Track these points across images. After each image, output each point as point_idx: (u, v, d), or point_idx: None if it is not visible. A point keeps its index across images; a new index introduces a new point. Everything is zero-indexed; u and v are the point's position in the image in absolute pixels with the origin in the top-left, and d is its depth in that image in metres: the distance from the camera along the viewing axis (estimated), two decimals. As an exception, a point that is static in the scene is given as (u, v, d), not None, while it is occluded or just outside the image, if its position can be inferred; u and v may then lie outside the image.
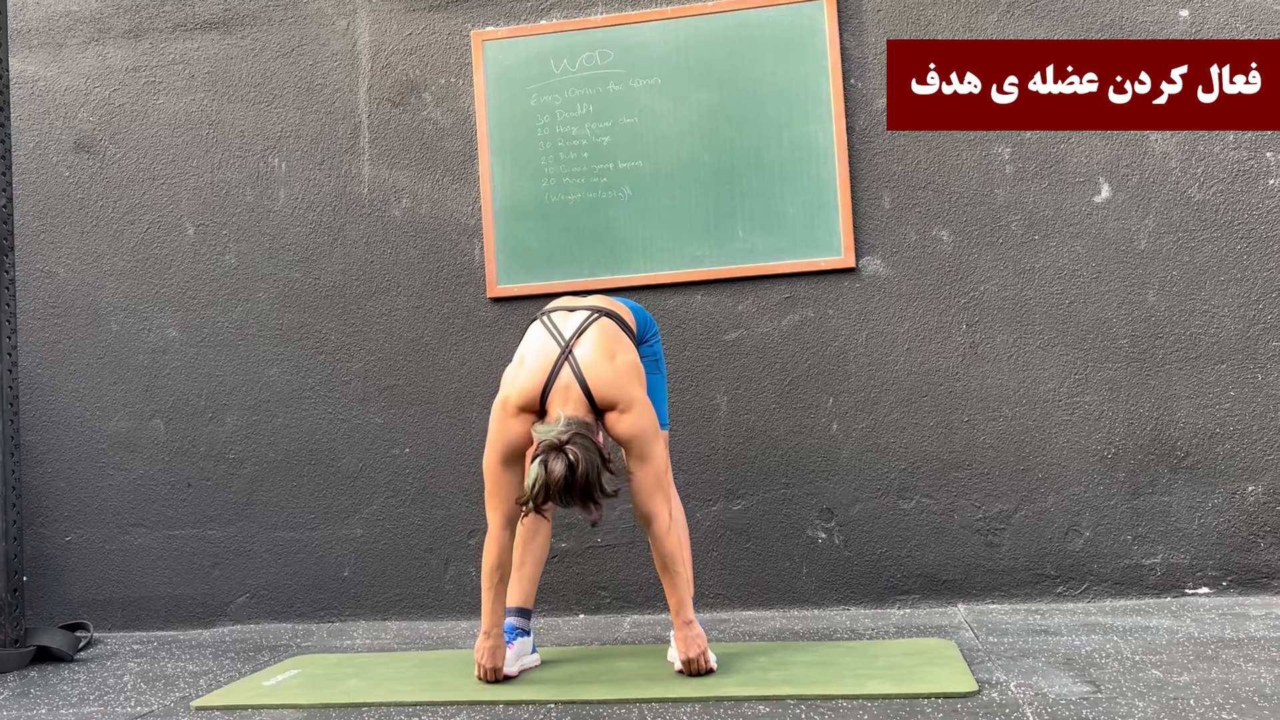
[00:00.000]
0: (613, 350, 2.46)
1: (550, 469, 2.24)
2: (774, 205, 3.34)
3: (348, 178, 3.63)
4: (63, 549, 3.72)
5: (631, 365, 2.46)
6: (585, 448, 2.26)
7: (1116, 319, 3.18)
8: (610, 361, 2.43)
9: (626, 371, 2.44)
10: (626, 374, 2.43)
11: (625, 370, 2.44)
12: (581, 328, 2.49)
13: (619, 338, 2.51)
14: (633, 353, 2.51)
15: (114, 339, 3.74)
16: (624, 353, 2.48)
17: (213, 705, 2.47)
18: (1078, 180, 3.22)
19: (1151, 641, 2.61)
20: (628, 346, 2.51)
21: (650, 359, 2.73)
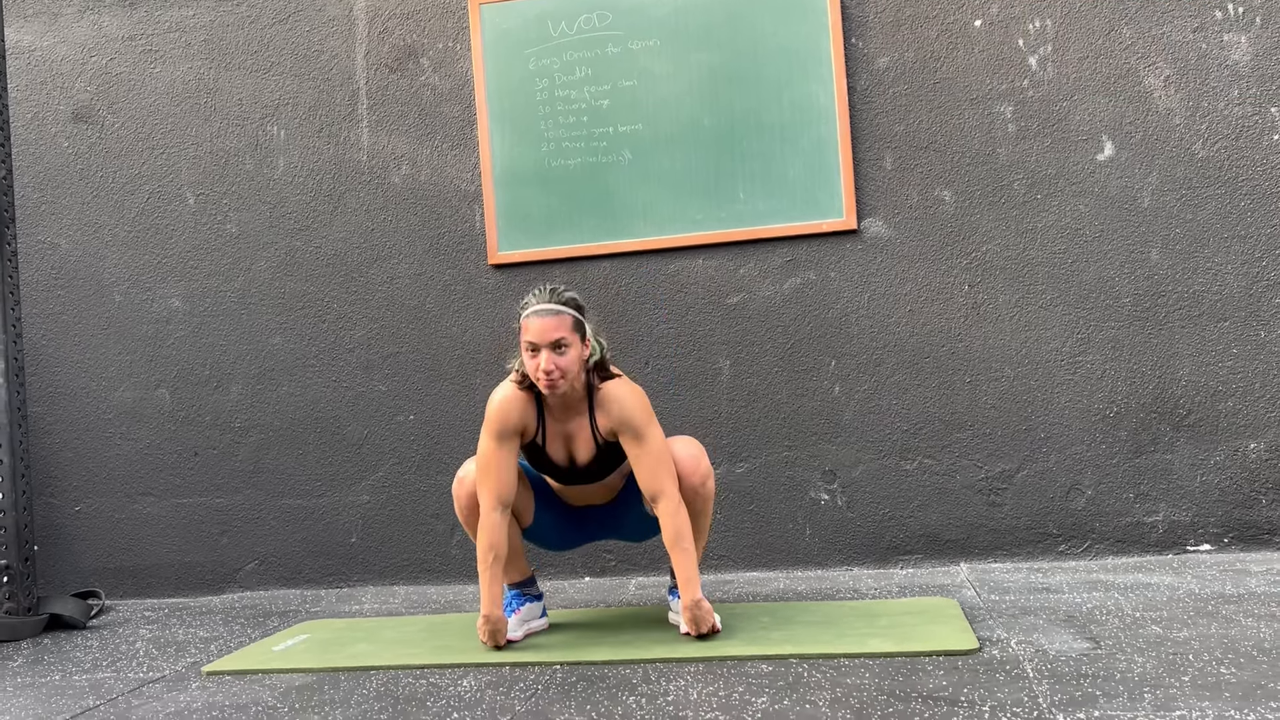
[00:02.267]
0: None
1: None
2: (775, 167, 3.33)
3: (347, 145, 3.61)
4: (73, 518, 3.76)
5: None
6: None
7: (1119, 278, 3.17)
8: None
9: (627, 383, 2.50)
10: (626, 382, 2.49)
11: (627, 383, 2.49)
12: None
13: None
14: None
15: (117, 309, 3.75)
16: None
17: (223, 670, 2.50)
18: (1080, 138, 3.20)
19: (1152, 598, 2.63)
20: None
21: None
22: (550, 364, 2.37)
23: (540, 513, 2.65)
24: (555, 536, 2.71)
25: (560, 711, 1.99)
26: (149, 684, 2.45)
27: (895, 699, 1.93)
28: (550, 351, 2.37)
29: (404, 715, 2.04)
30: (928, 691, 1.96)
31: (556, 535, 2.71)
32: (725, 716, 1.89)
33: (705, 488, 2.54)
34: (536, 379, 2.40)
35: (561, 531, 2.71)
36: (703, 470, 2.52)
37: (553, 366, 2.37)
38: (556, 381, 2.39)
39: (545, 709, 2.01)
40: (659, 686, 2.12)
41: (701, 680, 2.15)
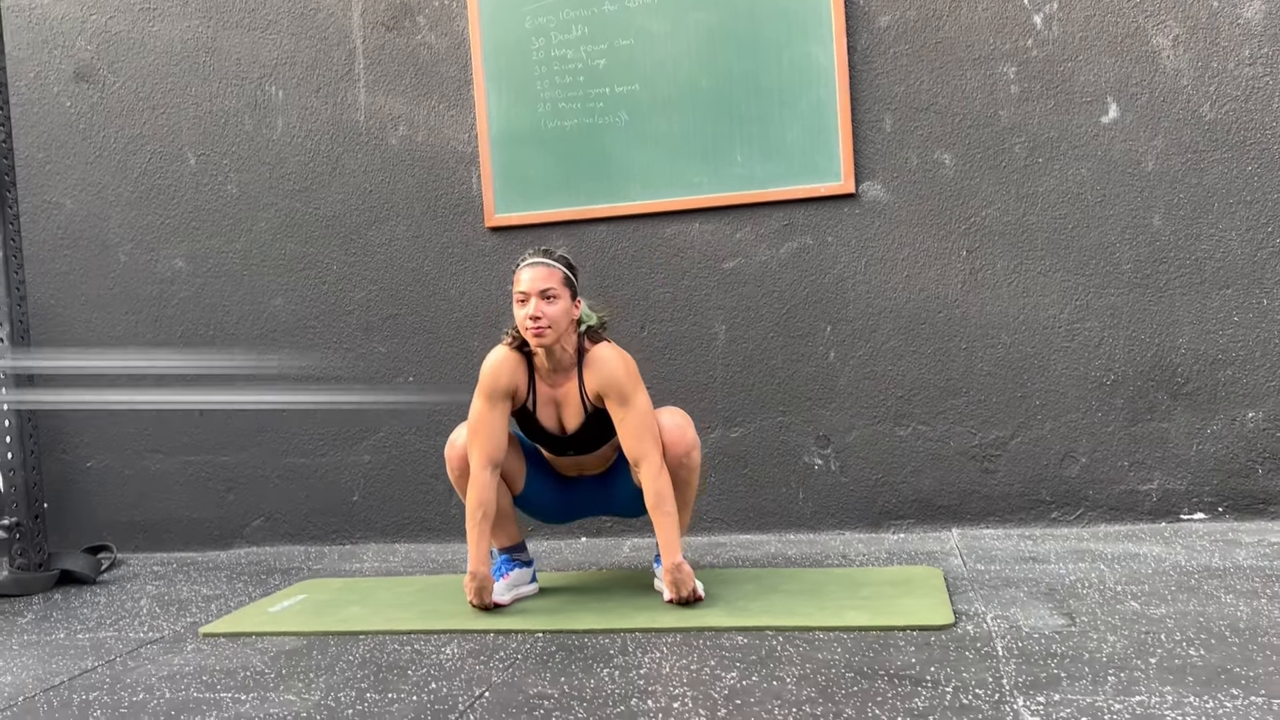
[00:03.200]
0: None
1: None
2: (773, 130, 3.28)
3: (344, 105, 3.60)
4: (85, 474, 3.84)
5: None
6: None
7: (1120, 243, 3.12)
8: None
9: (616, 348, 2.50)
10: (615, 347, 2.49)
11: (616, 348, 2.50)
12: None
13: None
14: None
15: (123, 270, 3.79)
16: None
17: (219, 632, 2.57)
18: (1085, 100, 3.12)
19: (1137, 570, 2.64)
20: None
21: None
22: (538, 310, 2.40)
23: (532, 481, 2.69)
24: (548, 507, 2.75)
25: (535, 684, 2.04)
26: (147, 645, 2.53)
27: (862, 676, 1.96)
28: (539, 299, 2.40)
29: (384, 684, 2.09)
30: (895, 669, 1.99)
31: (549, 506, 2.74)
32: (693, 692, 1.93)
33: (690, 458, 2.55)
34: (524, 329, 2.43)
35: (554, 502, 2.74)
36: (688, 441, 2.54)
37: (540, 313, 2.40)
38: (544, 330, 2.41)
39: (520, 680, 2.06)
40: (634, 658, 2.16)
41: (676, 652, 2.18)
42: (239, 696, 2.07)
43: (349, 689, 2.08)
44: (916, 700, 1.82)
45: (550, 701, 1.92)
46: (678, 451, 2.53)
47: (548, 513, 2.76)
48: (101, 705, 2.07)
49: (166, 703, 2.06)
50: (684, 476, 2.57)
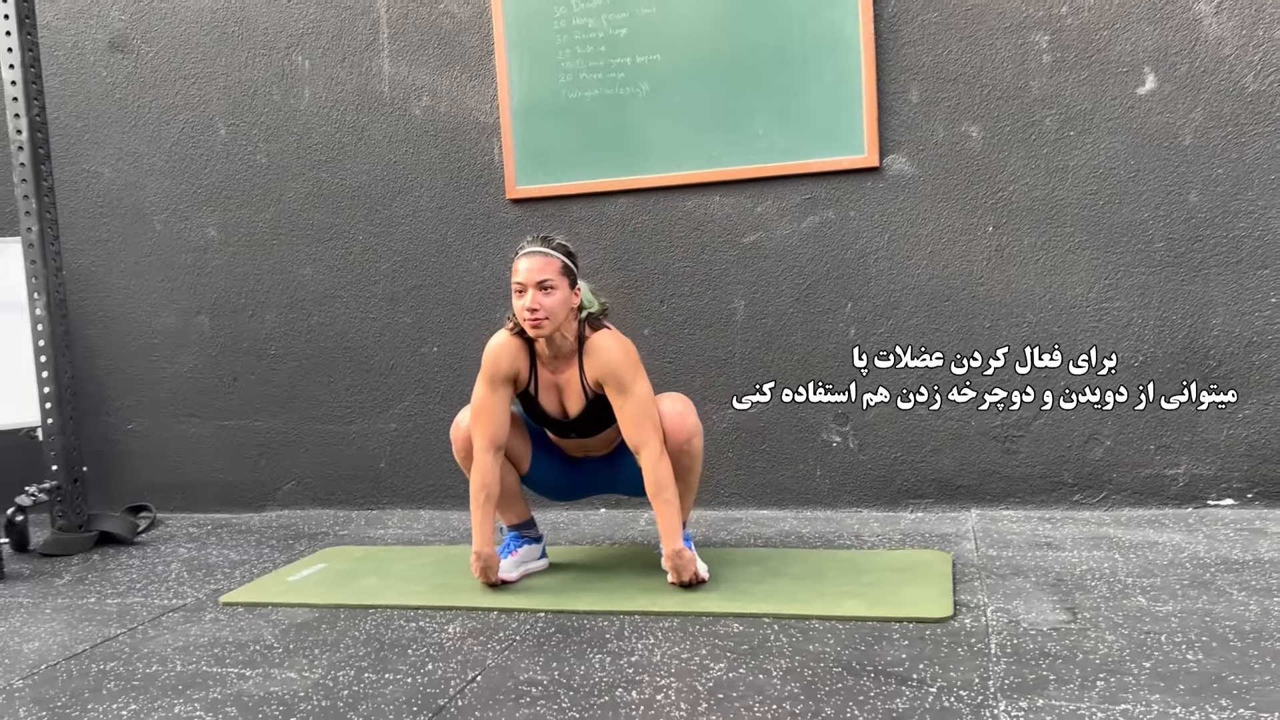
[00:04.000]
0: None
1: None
2: (796, 101, 3.21)
3: (369, 75, 3.61)
4: (127, 436, 3.97)
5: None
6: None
7: (1153, 220, 3.02)
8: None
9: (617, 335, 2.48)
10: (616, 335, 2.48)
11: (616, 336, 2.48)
12: None
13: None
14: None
15: (158, 237, 3.87)
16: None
17: (238, 601, 2.66)
18: (1121, 70, 3.00)
19: (1152, 561, 2.59)
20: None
21: None
22: (535, 302, 2.40)
23: (538, 462, 2.71)
24: (554, 486, 2.77)
25: (528, 668, 2.08)
26: (170, 612, 2.62)
27: (849, 672, 1.96)
28: (536, 290, 2.40)
29: (383, 663, 2.15)
30: (884, 665, 1.99)
31: (555, 485, 2.77)
32: (679, 684, 1.95)
33: (691, 445, 2.55)
34: (522, 319, 2.43)
35: (560, 482, 2.77)
36: (689, 427, 2.53)
37: (538, 305, 2.40)
38: (541, 321, 2.41)
39: (514, 664, 2.10)
40: (629, 643, 2.19)
41: (671, 638, 2.21)
42: (244, 672, 2.14)
43: (349, 667, 2.14)
44: (898, 701, 1.82)
45: (538, 689, 1.96)
46: (678, 439, 2.52)
47: (554, 491, 2.79)
48: (116, 676, 2.16)
49: (176, 676, 2.14)
50: (685, 463, 2.57)
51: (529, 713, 1.85)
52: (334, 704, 1.94)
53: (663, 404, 2.53)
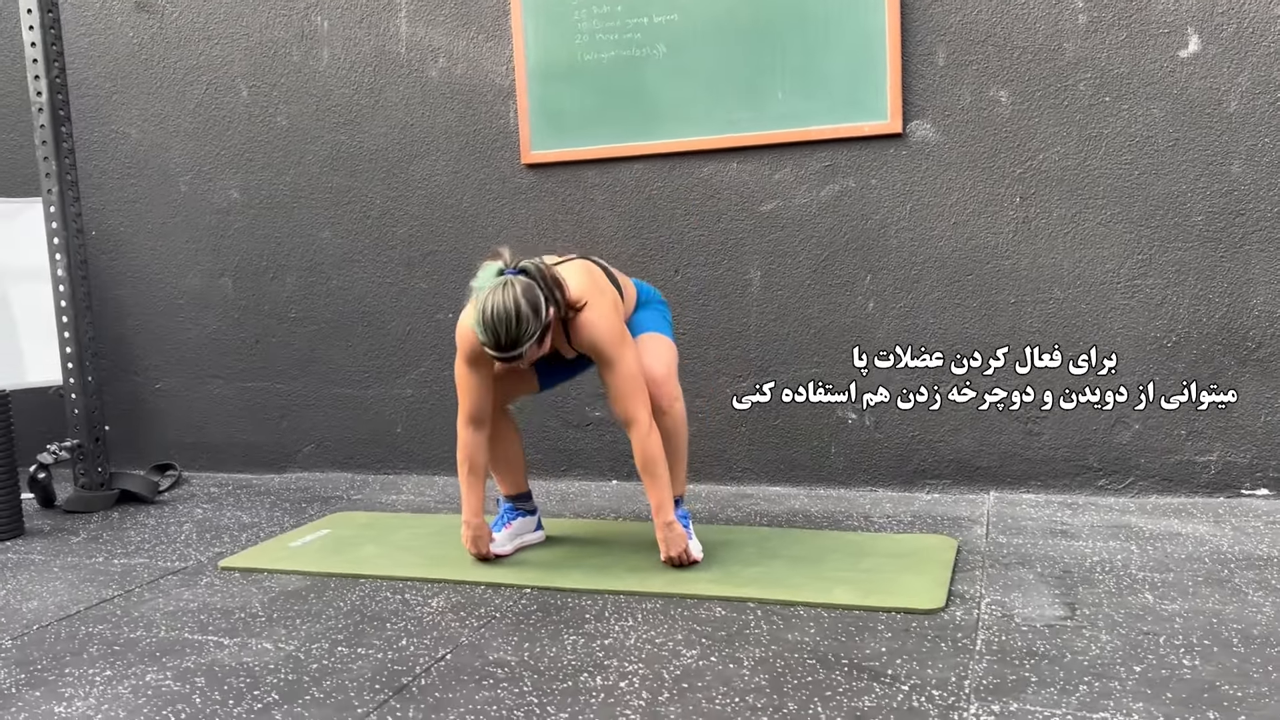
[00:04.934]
0: (587, 270, 2.42)
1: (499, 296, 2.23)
2: (816, 63, 3.08)
3: (386, 36, 3.56)
4: (155, 395, 4.03)
5: (603, 290, 2.40)
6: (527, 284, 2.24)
7: (1192, 193, 2.84)
8: (584, 274, 2.39)
9: (599, 284, 2.39)
10: (599, 286, 2.39)
11: (598, 283, 2.39)
12: (559, 261, 2.46)
13: (598, 273, 2.46)
14: (609, 290, 2.45)
15: (183, 199, 3.89)
16: (602, 281, 2.43)
17: (235, 566, 2.68)
18: (1161, 31, 2.82)
19: (1171, 553, 2.46)
20: (604, 286, 2.44)
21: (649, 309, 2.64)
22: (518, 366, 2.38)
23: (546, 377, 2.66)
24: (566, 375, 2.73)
25: (500, 647, 2.05)
26: (169, 575, 2.65)
27: (822, 665, 1.89)
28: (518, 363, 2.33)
29: (359, 636, 2.14)
30: (861, 658, 1.91)
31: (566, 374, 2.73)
32: (645, 670, 1.90)
33: (674, 411, 2.50)
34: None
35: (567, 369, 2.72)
36: (668, 394, 2.48)
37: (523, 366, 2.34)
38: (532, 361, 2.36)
39: (487, 643, 2.07)
40: (606, 625, 2.15)
41: (650, 621, 2.16)
42: (222, 641, 2.15)
43: (325, 640, 2.13)
44: (865, 699, 1.74)
45: (504, 670, 1.93)
46: (660, 405, 2.47)
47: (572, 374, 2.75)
48: (101, 640, 2.18)
49: (157, 642, 2.15)
50: (668, 426, 2.51)
51: (488, 695, 1.82)
52: (300, 678, 1.93)
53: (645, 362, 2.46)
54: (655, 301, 2.67)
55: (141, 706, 1.84)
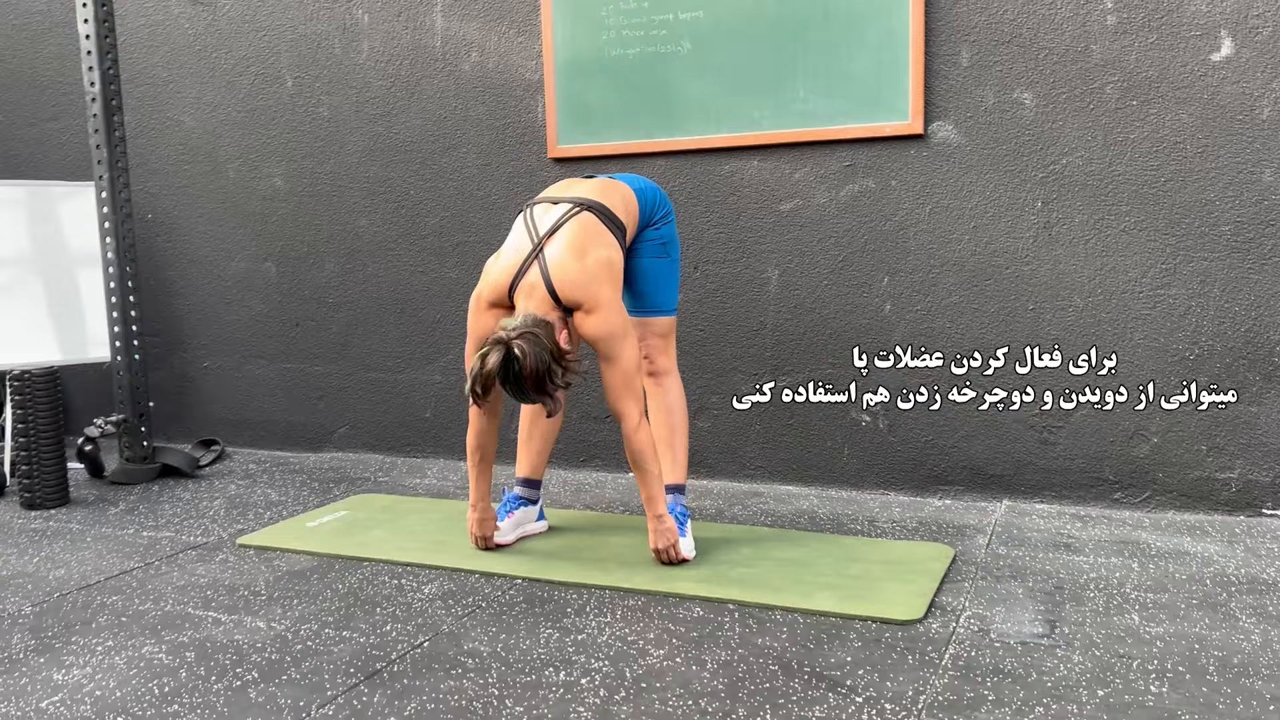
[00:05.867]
0: (584, 248, 2.41)
1: (486, 361, 2.27)
2: (839, 62, 3.06)
3: (421, 30, 3.63)
4: (202, 373, 4.20)
5: (604, 263, 2.41)
6: (532, 342, 2.27)
7: (1221, 201, 2.75)
8: (579, 260, 2.39)
9: (596, 269, 2.40)
10: (595, 272, 2.39)
11: (595, 268, 2.39)
12: (557, 224, 2.45)
13: (597, 234, 2.45)
14: (610, 249, 2.45)
15: (231, 185, 4.03)
16: (598, 250, 2.42)
17: (251, 544, 2.79)
18: (1194, 34, 2.72)
19: (1172, 573, 2.40)
20: (606, 243, 2.45)
21: (657, 243, 2.65)
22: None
23: None
24: None
25: (477, 637, 2.11)
26: (189, 550, 2.78)
27: (784, 672, 1.91)
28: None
29: (348, 620, 2.23)
30: (823, 667, 1.93)
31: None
32: (609, 668, 1.94)
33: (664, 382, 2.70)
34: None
35: None
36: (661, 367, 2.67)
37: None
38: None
39: (466, 632, 2.14)
40: (585, 620, 2.19)
41: (628, 618, 2.20)
42: (220, 617, 2.25)
43: (315, 621, 2.22)
44: (817, 709, 1.76)
45: (474, 661, 1.99)
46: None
47: None
48: (112, 611, 2.31)
49: (161, 616, 2.27)
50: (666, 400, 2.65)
51: (453, 685, 1.89)
52: (282, 658, 2.02)
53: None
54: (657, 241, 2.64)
55: (131, 677, 1.95)
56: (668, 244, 2.67)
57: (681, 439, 2.70)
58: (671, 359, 2.71)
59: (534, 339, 2.27)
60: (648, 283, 2.65)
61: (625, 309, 2.47)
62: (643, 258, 2.64)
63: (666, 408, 2.69)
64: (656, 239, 2.65)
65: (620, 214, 2.53)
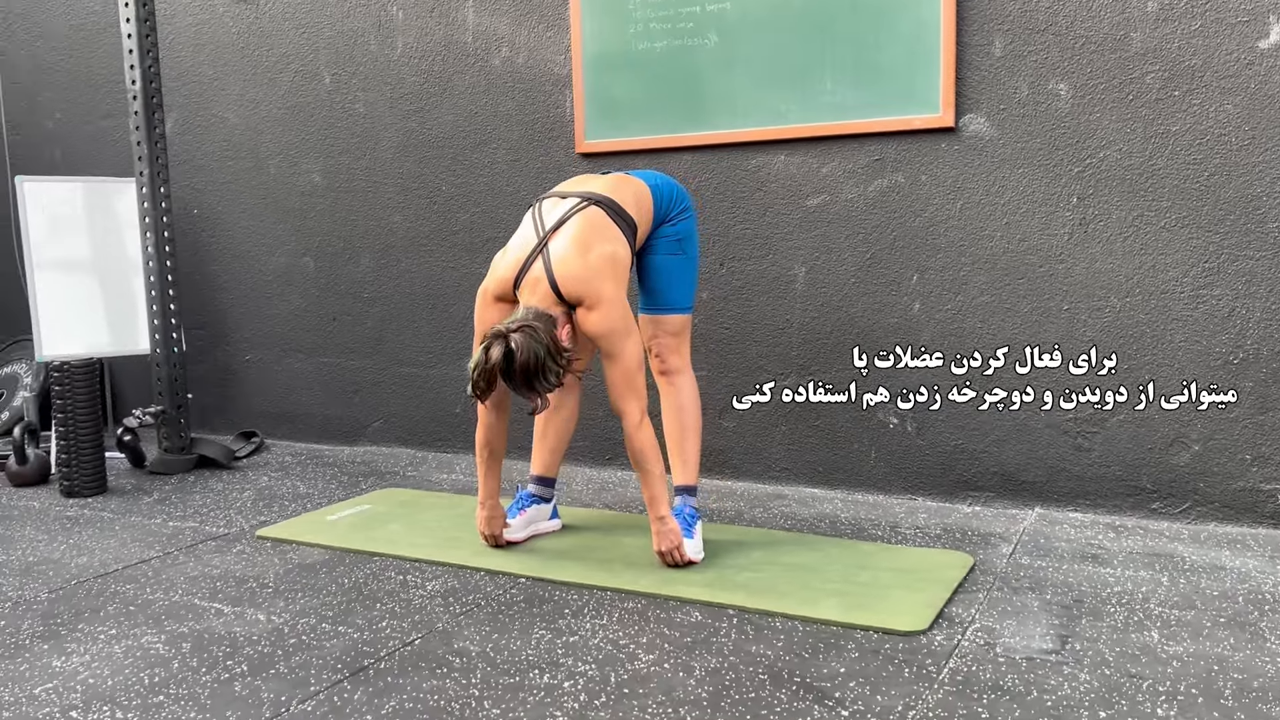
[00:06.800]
0: (589, 243, 2.38)
1: (488, 355, 2.26)
2: (867, 53, 2.97)
3: (454, 25, 3.63)
4: (244, 366, 4.27)
5: (608, 259, 2.37)
6: (531, 336, 2.24)
7: (1268, 196, 2.60)
8: (583, 256, 2.36)
9: (600, 265, 2.36)
10: (598, 267, 2.36)
11: (598, 264, 2.36)
12: (563, 218, 2.42)
13: (603, 228, 2.41)
14: (616, 244, 2.41)
15: (272, 181, 4.09)
16: (603, 245, 2.39)
17: (269, 536, 2.83)
18: (1240, 19, 2.58)
19: (1203, 589, 2.28)
20: (612, 237, 2.41)
21: (672, 239, 2.60)
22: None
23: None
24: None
25: (470, 636, 2.09)
26: (208, 540, 2.82)
27: (773, 681, 1.85)
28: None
29: (347, 615, 2.23)
30: (815, 678, 1.86)
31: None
32: (594, 671, 1.91)
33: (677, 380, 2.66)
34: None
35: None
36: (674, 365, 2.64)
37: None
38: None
39: (459, 631, 2.12)
40: (581, 621, 2.16)
41: (625, 621, 2.16)
42: (222, 609, 2.28)
43: (314, 615, 2.23)
44: (798, 721, 1.70)
45: (461, 661, 1.97)
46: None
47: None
48: (121, 600, 2.35)
49: (168, 606, 2.30)
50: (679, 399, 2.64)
51: (435, 685, 1.87)
52: (274, 651, 2.03)
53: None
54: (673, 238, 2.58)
55: (125, 666, 1.97)
56: (684, 240, 2.62)
57: (693, 439, 2.65)
58: (685, 358, 2.66)
59: (532, 333, 2.25)
60: (661, 279, 2.60)
61: (629, 307, 2.42)
62: (657, 254, 2.60)
63: (678, 407, 2.64)
64: (672, 235, 2.60)
65: (631, 210, 2.49)
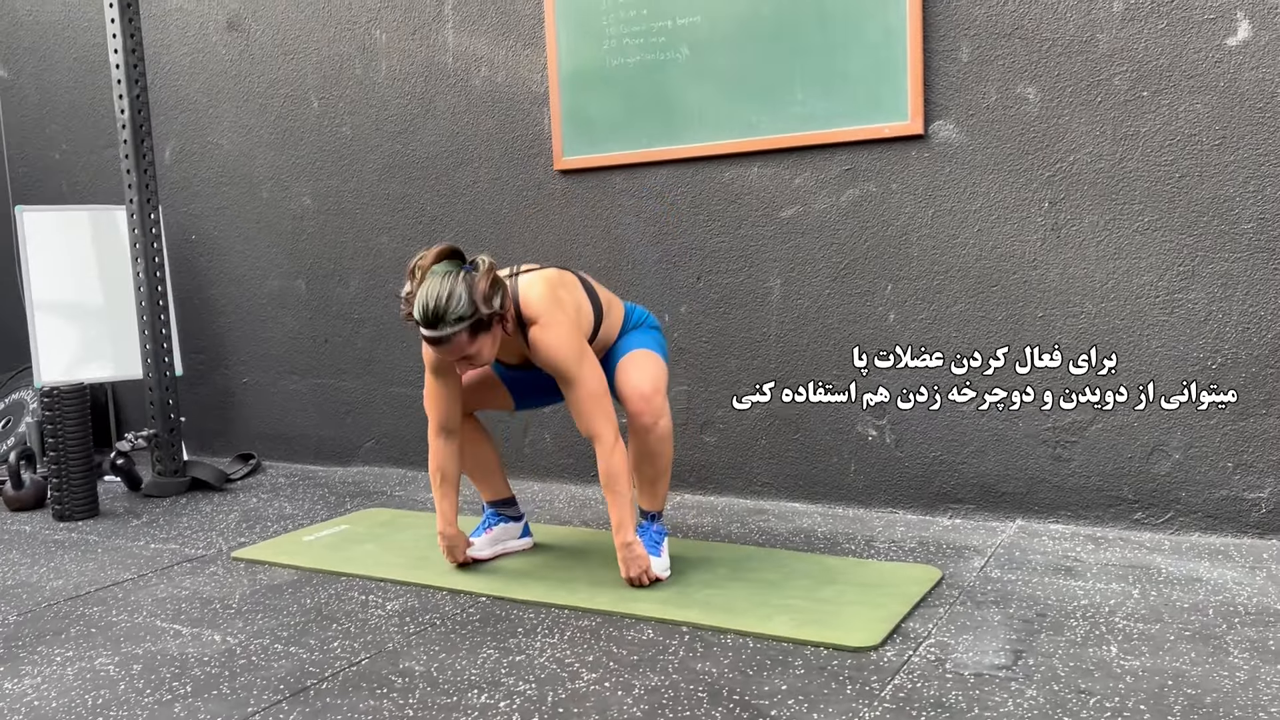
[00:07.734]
0: (558, 283, 2.38)
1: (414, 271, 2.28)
2: (836, 62, 2.95)
3: (435, 47, 3.66)
4: (242, 388, 4.32)
5: (573, 303, 2.36)
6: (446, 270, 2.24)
7: (1241, 197, 2.53)
8: (550, 289, 2.35)
9: (564, 298, 2.35)
10: (562, 299, 2.35)
11: (564, 297, 2.35)
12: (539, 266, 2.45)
13: (572, 286, 2.42)
14: (582, 300, 2.41)
15: (265, 205, 4.14)
16: (571, 292, 2.39)
17: (243, 558, 2.84)
18: (1207, 18, 2.52)
19: (1174, 601, 2.21)
20: (580, 296, 2.41)
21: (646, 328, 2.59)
22: (465, 369, 2.34)
23: (523, 398, 2.67)
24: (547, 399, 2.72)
25: (417, 656, 2.08)
26: (183, 563, 2.84)
27: (711, 699, 1.82)
28: (461, 363, 2.33)
29: (302, 635, 2.23)
30: (754, 696, 1.83)
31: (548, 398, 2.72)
32: (533, 691, 1.89)
33: (659, 428, 2.43)
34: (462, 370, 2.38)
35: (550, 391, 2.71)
36: (653, 410, 2.41)
37: (468, 368, 2.34)
38: (482, 364, 2.35)
39: (407, 651, 2.11)
40: (530, 640, 2.14)
41: (575, 640, 2.14)
42: (181, 630, 2.29)
43: (269, 636, 2.23)
44: (727, 741, 1.67)
45: (404, 681, 1.96)
46: (644, 422, 2.41)
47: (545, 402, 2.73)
48: (86, 622, 2.37)
49: (128, 629, 2.32)
50: (652, 447, 2.45)
51: (372, 705, 1.86)
52: (221, 672, 2.04)
53: (629, 375, 2.42)
54: (647, 325, 2.62)
55: (72, 689, 1.99)
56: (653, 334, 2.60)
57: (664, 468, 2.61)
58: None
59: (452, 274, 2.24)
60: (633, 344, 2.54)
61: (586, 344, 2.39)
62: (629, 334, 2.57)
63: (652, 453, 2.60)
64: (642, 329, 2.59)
65: (602, 297, 2.50)
